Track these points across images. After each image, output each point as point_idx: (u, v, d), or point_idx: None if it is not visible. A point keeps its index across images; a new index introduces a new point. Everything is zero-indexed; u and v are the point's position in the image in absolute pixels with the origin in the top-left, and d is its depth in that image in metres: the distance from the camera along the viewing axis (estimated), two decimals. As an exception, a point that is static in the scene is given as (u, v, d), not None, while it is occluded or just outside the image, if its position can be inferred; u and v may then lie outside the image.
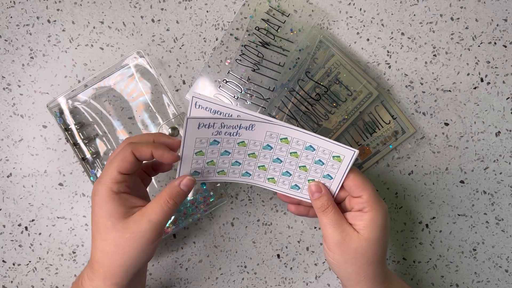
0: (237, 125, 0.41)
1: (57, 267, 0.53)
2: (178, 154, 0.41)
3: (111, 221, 0.38)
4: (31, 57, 0.52)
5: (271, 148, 0.43)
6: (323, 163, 0.42)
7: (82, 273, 0.41)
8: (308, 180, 0.44)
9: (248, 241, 0.53)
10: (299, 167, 0.43)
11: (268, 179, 0.45)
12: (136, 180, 0.43)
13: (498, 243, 0.53)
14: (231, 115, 0.41)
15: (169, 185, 0.41)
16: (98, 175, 0.51)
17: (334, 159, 0.42)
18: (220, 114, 0.41)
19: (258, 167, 0.44)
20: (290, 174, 0.44)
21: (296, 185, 0.44)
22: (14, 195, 0.52)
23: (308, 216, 0.46)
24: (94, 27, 0.52)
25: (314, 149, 0.42)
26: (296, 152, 0.43)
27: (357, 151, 0.41)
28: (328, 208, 0.42)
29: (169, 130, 0.50)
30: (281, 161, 0.43)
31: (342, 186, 0.43)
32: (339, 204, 0.44)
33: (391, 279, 0.44)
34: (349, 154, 0.41)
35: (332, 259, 0.42)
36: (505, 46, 0.53)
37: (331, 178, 0.43)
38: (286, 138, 0.42)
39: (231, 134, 0.42)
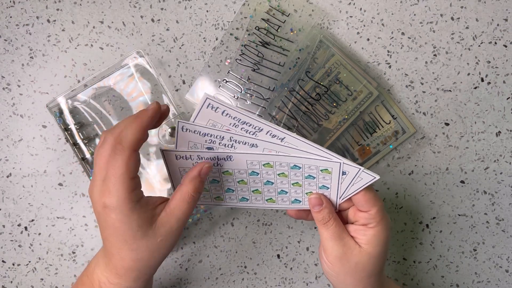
0: (215, 157, 0.40)
1: (57, 267, 0.52)
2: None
3: (141, 231, 0.36)
4: (30, 57, 0.52)
5: (258, 173, 0.41)
6: (314, 177, 0.41)
7: (97, 275, 0.39)
8: (306, 193, 0.42)
9: (248, 241, 0.53)
10: (292, 184, 0.42)
11: (267, 200, 0.43)
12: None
13: (498, 243, 0.53)
14: (223, 137, 0.39)
15: (188, 177, 0.38)
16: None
17: (323, 172, 0.40)
18: (211, 136, 0.39)
19: (252, 191, 0.43)
20: (286, 192, 0.43)
21: (296, 199, 0.43)
22: (14, 195, 0.52)
23: (307, 219, 0.45)
24: (93, 27, 0.52)
25: (300, 167, 0.40)
26: (283, 173, 0.41)
27: (342, 161, 0.39)
28: (329, 221, 0.41)
29: (169, 130, 0.50)
30: (273, 183, 0.42)
31: (349, 198, 0.41)
32: (339, 213, 0.43)
33: (387, 285, 0.44)
34: (336, 165, 0.39)
35: (331, 271, 0.41)
36: (506, 46, 0.52)
37: (328, 188, 0.41)
38: (268, 163, 0.40)
39: (213, 165, 0.41)
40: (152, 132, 0.51)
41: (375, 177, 0.38)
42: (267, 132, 0.39)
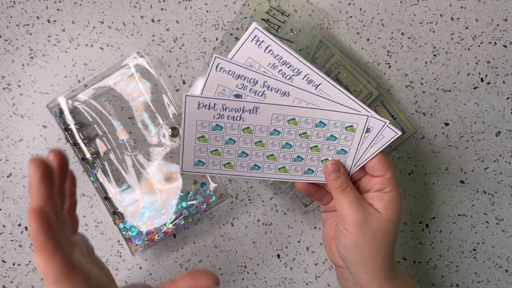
0: (240, 108, 0.39)
1: (57, 267, 0.52)
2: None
3: None
4: (31, 57, 0.52)
5: (279, 133, 0.40)
6: (336, 138, 0.40)
7: None
8: (322, 161, 0.42)
9: (248, 241, 0.53)
10: (311, 148, 0.41)
11: (279, 169, 0.42)
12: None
13: (498, 243, 0.53)
14: (256, 81, 0.38)
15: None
16: (98, 175, 0.51)
17: (347, 130, 0.40)
18: (244, 79, 0.38)
19: (267, 157, 0.42)
20: (302, 159, 0.42)
21: (309, 169, 0.42)
22: (14, 195, 0.52)
23: (314, 196, 0.44)
24: (94, 27, 0.52)
25: (325, 125, 0.40)
26: (305, 133, 0.40)
27: (370, 114, 0.39)
28: (348, 187, 0.41)
29: (169, 130, 0.50)
30: (291, 146, 0.41)
31: (361, 169, 0.42)
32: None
33: (399, 270, 0.44)
34: (362, 120, 0.39)
35: (350, 242, 0.40)
36: (505, 46, 0.53)
37: (346, 152, 0.41)
38: (294, 119, 0.40)
39: (235, 118, 0.39)
40: (152, 132, 0.51)
41: (397, 133, 0.40)
42: (304, 76, 0.39)
